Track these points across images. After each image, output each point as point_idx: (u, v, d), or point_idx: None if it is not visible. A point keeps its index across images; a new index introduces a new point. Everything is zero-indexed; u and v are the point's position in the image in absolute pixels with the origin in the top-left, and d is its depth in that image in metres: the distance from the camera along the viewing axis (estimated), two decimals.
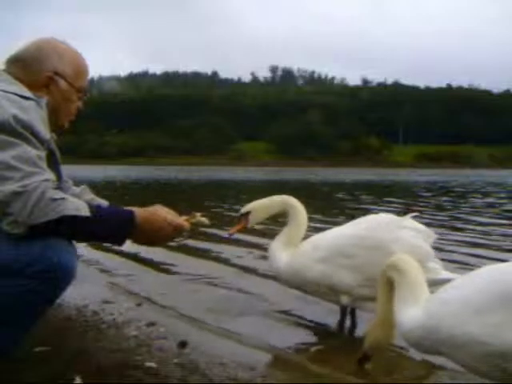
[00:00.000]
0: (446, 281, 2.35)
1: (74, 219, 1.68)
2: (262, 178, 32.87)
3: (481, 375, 1.83)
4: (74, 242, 1.88)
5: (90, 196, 2.37)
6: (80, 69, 2.09)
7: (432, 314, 1.83)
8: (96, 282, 4.26)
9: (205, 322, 3.27)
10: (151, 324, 3.16)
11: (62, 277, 1.75)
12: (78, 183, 2.44)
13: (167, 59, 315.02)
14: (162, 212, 1.92)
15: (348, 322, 3.19)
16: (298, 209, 3.17)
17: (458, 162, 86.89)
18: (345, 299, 3.00)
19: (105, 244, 4.72)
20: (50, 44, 2.05)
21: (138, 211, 1.88)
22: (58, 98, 1.99)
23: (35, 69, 1.97)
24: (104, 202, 2.38)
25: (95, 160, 77.06)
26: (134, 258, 5.20)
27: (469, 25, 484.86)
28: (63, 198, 1.68)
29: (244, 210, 3.21)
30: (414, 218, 3.04)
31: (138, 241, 1.93)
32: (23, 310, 1.75)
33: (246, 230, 3.32)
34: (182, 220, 1.99)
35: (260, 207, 3.19)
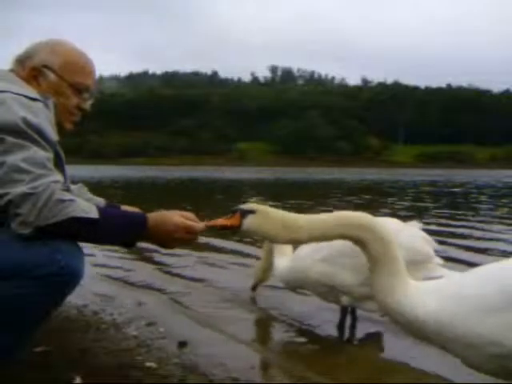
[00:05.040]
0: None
1: (82, 221, 1.67)
2: (255, 177, 32.90)
3: (485, 373, 1.81)
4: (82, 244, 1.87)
5: (88, 195, 2.37)
6: (74, 63, 2.03)
7: (448, 310, 1.77)
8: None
9: (204, 323, 3.27)
10: (151, 324, 3.16)
11: (68, 281, 1.75)
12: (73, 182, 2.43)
13: (167, 59, 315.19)
14: (172, 216, 1.88)
15: (348, 322, 3.19)
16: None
17: (458, 162, 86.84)
18: (345, 299, 3.01)
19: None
20: (47, 41, 2.04)
21: (150, 216, 1.85)
22: (48, 91, 1.96)
23: (27, 64, 1.97)
24: (101, 201, 2.37)
25: (95, 160, 77.05)
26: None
27: (469, 25, 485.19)
28: (72, 200, 1.68)
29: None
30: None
31: (150, 242, 1.92)
32: (28, 312, 1.74)
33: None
34: (194, 222, 1.93)
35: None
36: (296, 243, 1.99)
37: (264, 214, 1.96)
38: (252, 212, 1.97)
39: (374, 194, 17.42)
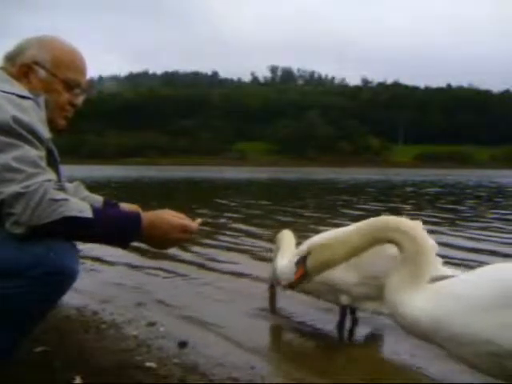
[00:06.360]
0: (445, 277, 2.33)
1: (76, 221, 1.66)
2: (244, 177, 32.90)
3: (481, 372, 1.82)
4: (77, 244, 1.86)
5: (85, 193, 2.35)
6: (65, 59, 2.00)
7: (444, 309, 1.79)
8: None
9: (204, 323, 3.27)
10: (151, 324, 3.16)
11: (64, 280, 1.74)
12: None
13: (167, 59, 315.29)
14: (166, 216, 1.86)
15: (348, 322, 3.19)
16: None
17: (458, 162, 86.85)
18: (345, 298, 3.01)
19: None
20: (37, 37, 2.02)
21: (145, 215, 1.83)
22: (39, 88, 1.93)
23: (17, 61, 1.94)
24: (99, 199, 2.36)
25: (95, 160, 77.02)
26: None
27: (469, 24, 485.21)
28: (65, 199, 1.66)
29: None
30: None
31: (145, 243, 1.89)
32: (24, 312, 1.74)
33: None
34: (188, 222, 1.91)
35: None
36: (351, 256, 2.12)
37: (317, 248, 2.08)
38: (308, 254, 2.09)
39: (361, 194, 17.42)
